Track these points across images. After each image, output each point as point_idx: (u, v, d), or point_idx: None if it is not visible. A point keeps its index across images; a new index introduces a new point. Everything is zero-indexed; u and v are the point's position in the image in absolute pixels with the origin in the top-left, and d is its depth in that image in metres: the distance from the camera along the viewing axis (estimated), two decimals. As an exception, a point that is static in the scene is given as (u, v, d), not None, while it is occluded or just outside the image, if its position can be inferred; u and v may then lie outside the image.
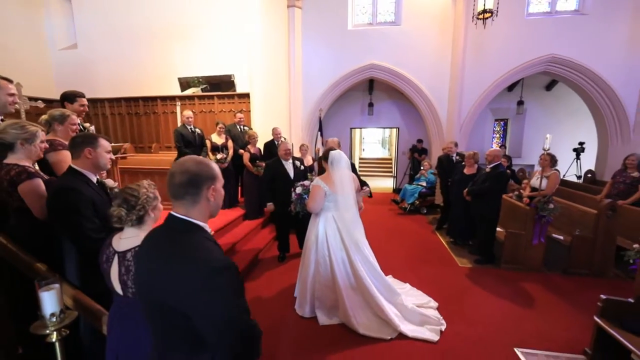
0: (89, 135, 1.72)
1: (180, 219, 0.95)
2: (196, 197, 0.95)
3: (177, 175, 0.93)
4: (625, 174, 4.38)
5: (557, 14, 6.44)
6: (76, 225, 1.57)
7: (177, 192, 0.94)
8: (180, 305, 0.82)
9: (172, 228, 0.94)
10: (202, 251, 0.87)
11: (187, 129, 4.70)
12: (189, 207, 0.96)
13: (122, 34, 7.98)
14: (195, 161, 0.97)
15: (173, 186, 0.94)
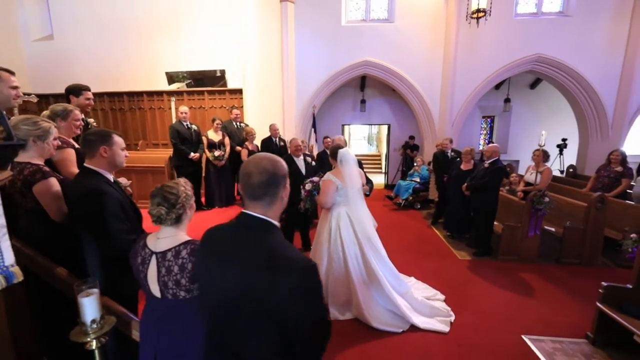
0: (103, 133, 1.63)
1: (261, 219, 0.91)
2: (274, 197, 0.93)
3: (256, 175, 0.90)
4: (609, 169, 4.65)
5: (543, 15, 6.71)
6: (109, 227, 1.49)
7: (256, 193, 0.91)
8: (271, 309, 0.79)
9: (251, 228, 0.91)
10: (291, 252, 0.85)
11: (183, 125, 4.55)
12: (267, 207, 0.94)
13: (104, 24, 7.58)
14: (270, 159, 0.94)
15: (251, 186, 0.91)
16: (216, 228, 1.02)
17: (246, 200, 0.94)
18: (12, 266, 0.81)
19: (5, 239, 0.78)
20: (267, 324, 0.79)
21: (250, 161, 0.94)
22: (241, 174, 0.93)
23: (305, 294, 0.80)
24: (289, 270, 0.80)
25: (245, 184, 0.92)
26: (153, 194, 1.36)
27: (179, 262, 1.30)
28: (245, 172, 0.92)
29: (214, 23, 7.18)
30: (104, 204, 1.47)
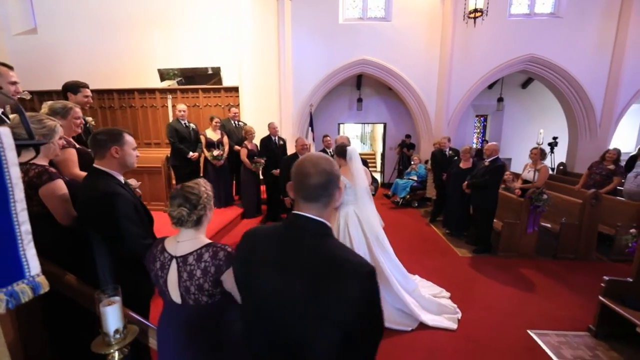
0: (113, 132, 1.55)
1: (318, 221, 0.87)
2: (330, 199, 0.89)
3: (315, 176, 0.86)
4: (602, 166, 4.80)
5: (535, 16, 6.85)
6: (124, 232, 1.42)
7: (314, 194, 0.87)
8: (335, 314, 0.75)
9: (307, 231, 0.86)
10: (352, 255, 0.82)
11: (181, 123, 4.44)
12: (322, 209, 0.89)
13: (92, 18, 7.31)
14: (327, 159, 0.90)
15: (309, 187, 0.86)
16: (259, 230, 0.98)
17: (300, 201, 0.89)
18: (38, 276, 0.75)
19: (30, 247, 0.72)
20: (330, 329, 0.76)
21: (307, 161, 0.89)
22: (296, 173, 0.88)
23: (370, 298, 0.79)
24: (354, 275, 0.77)
25: (302, 185, 0.87)
26: (173, 195, 1.31)
27: (201, 266, 1.25)
28: (302, 172, 0.87)
29: (209, 19, 7.03)
30: (118, 207, 1.41)
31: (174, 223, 1.30)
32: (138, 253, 1.41)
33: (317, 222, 0.87)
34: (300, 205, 0.89)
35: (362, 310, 0.77)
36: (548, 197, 3.99)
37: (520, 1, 6.89)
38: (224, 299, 1.32)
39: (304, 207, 0.88)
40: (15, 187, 0.73)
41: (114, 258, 1.46)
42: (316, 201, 0.87)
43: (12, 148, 0.72)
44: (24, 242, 0.75)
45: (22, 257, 0.75)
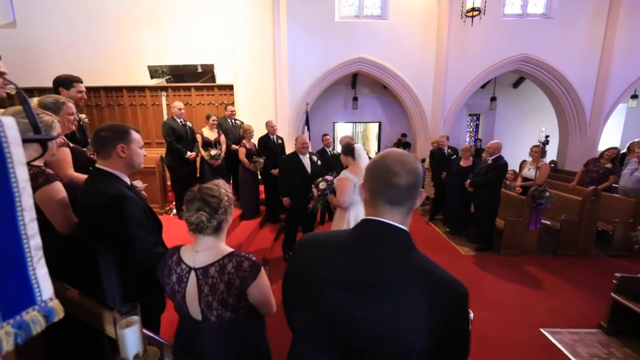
0: (119, 128, 1.39)
1: (402, 231, 0.75)
2: (414, 202, 0.78)
3: (404, 175, 0.74)
4: (598, 164, 4.88)
5: (528, 17, 6.95)
6: (136, 240, 1.27)
7: (402, 197, 0.75)
8: (423, 342, 0.65)
9: (390, 241, 0.74)
10: (445, 272, 0.71)
11: (177, 122, 4.23)
12: (406, 215, 0.78)
13: (78, 12, 6.95)
14: (411, 157, 0.79)
15: (397, 189, 0.74)
16: (321, 239, 0.84)
17: (381, 205, 0.76)
18: (50, 300, 0.61)
19: (41, 265, 0.59)
20: (414, 356, 0.66)
21: (392, 158, 0.77)
22: (379, 172, 0.76)
23: (465, 323, 0.69)
24: (453, 297, 0.68)
25: (388, 186, 0.75)
26: (190, 198, 1.18)
27: (224, 279, 1.12)
28: (389, 171, 0.75)
29: (202, 15, 6.80)
30: (129, 212, 1.26)
31: (191, 230, 1.17)
32: (151, 263, 1.27)
33: (401, 230, 0.75)
34: (380, 209, 0.77)
35: (455, 337, 0.68)
36: (550, 195, 4.01)
37: (513, 1, 6.97)
38: (248, 313, 1.20)
39: (385, 212, 0.76)
40: (23, 192, 0.59)
41: (122, 269, 1.31)
42: (402, 205, 0.76)
43: (18, 143, 0.58)
44: (34, 259, 0.61)
45: (31, 279, 0.61)
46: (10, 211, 0.57)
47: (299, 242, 0.88)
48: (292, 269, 0.88)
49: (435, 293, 0.67)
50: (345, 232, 0.82)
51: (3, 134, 0.56)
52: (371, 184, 0.78)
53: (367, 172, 0.81)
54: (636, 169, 4.37)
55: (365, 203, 0.81)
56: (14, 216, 0.58)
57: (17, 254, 0.58)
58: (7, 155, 0.57)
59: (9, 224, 0.57)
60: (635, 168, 4.39)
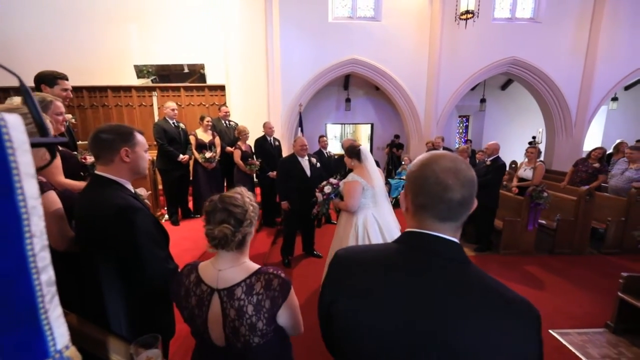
0: (122, 130, 1.24)
1: (455, 244, 0.67)
2: (467, 216, 0.68)
3: (459, 189, 0.64)
4: (587, 164, 5.01)
5: (517, 21, 7.11)
6: (146, 256, 1.13)
7: (454, 213, 0.66)
8: None
9: (442, 256, 0.66)
10: (509, 290, 0.63)
11: (170, 123, 4.02)
12: (459, 228, 0.69)
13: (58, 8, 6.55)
14: (466, 164, 0.68)
15: (449, 205, 0.65)
16: (359, 255, 0.75)
17: (429, 220, 0.68)
18: (66, 349, 0.48)
19: (55, 305, 0.46)
20: None
21: (443, 167, 0.66)
22: (428, 185, 0.66)
23: (539, 349, 0.60)
24: (527, 318, 0.59)
25: (439, 200, 0.65)
26: (211, 209, 1.05)
27: (253, 300, 1.00)
28: (440, 184, 0.65)
29: (192, 14, 6.57)
30: (141, 226, 1.11)
31: (214, 245, 1.04)
32: (162, 281, 1.13)
33: (456, 245, 0.67)
34: (427, 225, 0.68)
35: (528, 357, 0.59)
36: (548, 195, 4.06)
37: (502, 5, 7.12)
38: (277, 337, 1.08)
39: (435, 226, 0.67)
40: (32, 213, 0.46)
41: (129, 290, 1.15)
42: (454, 221, 0.67)
43: (26, 149, 0.45)
44: (46, 299, 0.47)
45: (43, 324, 0.47)
46: (17, 239, 0.43)
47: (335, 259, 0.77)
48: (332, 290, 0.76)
49: (509, 316, 0.59)
50: (388, 246, 0.74)
51: (7, 137, 0.42)
52: (417, 197, 0.68)
53: (410, 182, 0.71)
54: (626, 168, 4.50)
55: (406, 213, 0.72)
56: (22, 245, 0.44)
57: (26, 294, 0.45)
58: (12, 165, 0.43)
59: (15, 255, 0.44)
60: (625, 168, 4.52)
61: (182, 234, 3.90)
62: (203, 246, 3.80)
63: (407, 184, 0.72)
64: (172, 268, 1.26)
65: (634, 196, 4.26)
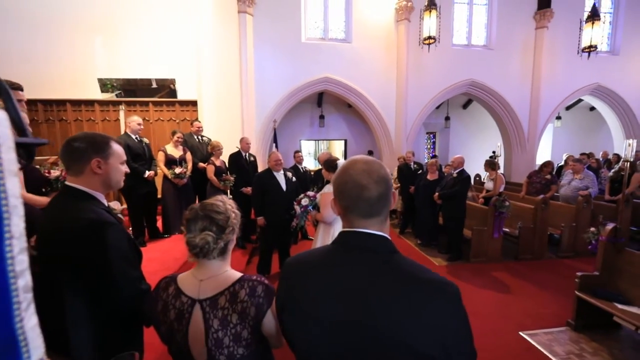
0: (95, 139, 1.16)
1: (383, 237, 0.75)
2: (389, 207, 0.77)
3: (374, 187, 0.73)
4: (540, 176, 5.50)
5: (472, 47, 7.87)
6: (121, 276, 1.05)
7: (375, 208, 0.74)
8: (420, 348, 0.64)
9: (374, 250, 0.73)
10: (432, 273, 0.70)
11: (133, 138, 3.85)
12: (383, 223, 0.77)
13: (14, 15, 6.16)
14: (378, 163, 0.77)
15: (368, 202, 0.73)
16: (305, 259, 0.83)
17: (355, 219, 0.75)
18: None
19: (30, 314, 0.44)
20: None
21: (357, 169, 0.74)
22: (347, 186, 0.74)
23: (462, 323, 0.68)
24: (442, 296, 0.66)
25: (359, 200, 0.73)
26: (192, 216, 1.02)
27: (237, 308, 0.97)
28: (357, 185, 0.73)
29: (163, 27, 6.49)
30: (114, 243, 1.04)
31: (195, 254, 1.00)
32: (135, 305, 1.06)
33: (381, 237, 0.75)
34: (355, 223, 0.75)
35: (453, 339, 0.66)
36: (509, 204, 4.38)
37: (460, 33, 7.86)
38: (260, 349, 1.04)
39: (361, 223, 0.75)
40: (13, 212, 0.43)
41: (97, 312, 1.06)
42: (377, 215, 0.75)
43: (10, 145, 0.43)
44: (22, 306, 0.44)
45: (18, 334, 0.43)
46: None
47: (284, 267, 0.86)
48: (282, 296, 0.84)
49: (428, 295, 0.66)
50: (327, 247, 0.81)
51: (-9, 132, 0.40)
52: (341, 200, 0.76)
53: (334, 188, 0.79)
54: (572, 179, 5.01)
55: (340, 217, 0.81)
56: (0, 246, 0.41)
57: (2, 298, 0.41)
58: (-6, 161, 0.41)
59: (-9, 257, 0.40)
60: (572, 178, 5.03)
61: (149, 255, 3.66)
62: (172, 268, 3.57)
63: (334, 191, 0.80)
64: (144, 289, 1.18)
65: (581, 203, 4.73)
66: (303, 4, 7.03)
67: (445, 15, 7.13)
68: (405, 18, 7.08)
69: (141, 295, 1.10)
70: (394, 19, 7.25)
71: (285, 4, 6.90)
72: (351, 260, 0.73)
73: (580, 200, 4.70)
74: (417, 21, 6.94)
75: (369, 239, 0.74)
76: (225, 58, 6.62)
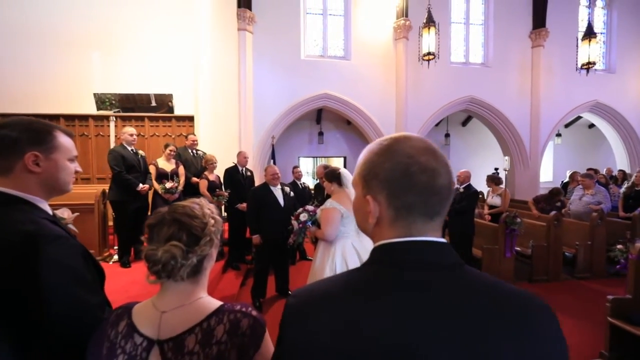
0: (32, 126, 0.88)
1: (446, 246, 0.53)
2: None
3: (444, 170, 0.52)
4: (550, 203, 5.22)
5: (470, 65, 7.93)
6: (71, 305, 0.78)
7: (445, 204, 0.54)
8: None
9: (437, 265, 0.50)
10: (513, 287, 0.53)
11: (128, 149, 3.64)
12: (440, 227, 0.55)
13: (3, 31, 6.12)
14: (428, 141, 0.57)
15: (440, 193, 0.51)
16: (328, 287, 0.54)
17: (419, 222, 0.52)
18: None
19: None
20: None
21: (418, 147, 0.52)
22: (414, 176, 0.50)
23: (563, 343, 0.50)
24: (541, 313, 0.51)
25: (430, 192, 0.51)
26: (156, 221, 0.77)
27: (212, 353, 0.70)
28: (425, 169, 0.50)
29: (161, 43, 6.49)
30: (58, 260, 0.76)
31: (155, 273, 0.74)
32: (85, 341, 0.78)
33: (445, 246, 0.53)
34: (416, 228, 0.52)
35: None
36: (521, 220, 4.13)
37: (457, 52, 7.94)
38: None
39: (423, 228, 0.52)
40: None
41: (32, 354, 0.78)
42: (443, 214, 0.54)
43: None
44: None
45: None
46: None
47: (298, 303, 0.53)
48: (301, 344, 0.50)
49: (525, 314, 0.49)
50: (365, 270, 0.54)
51: None
52: (401, 195, 0.51)
53: (381, 178, 0.53)
54: (583, 194, 4.79)
55: (381, 225, 0.54)
56: None
57: None
58: None
59: None
60: (582, 194, 4.80)
61: (132, 277, 3.33)
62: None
63: (374, 183, 0.54)
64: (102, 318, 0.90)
65: (595, 220, 4.47)
66: (302, 22, 7.13)
67: (442, 35, 7.22)
68: (403, 36, 7.15)
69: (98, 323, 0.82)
70: (392, 37, 7.34)
71: (285, 22, 6.99)
72: (415, 285, 0.48)
73: (595, 216, 4.45)
74: (415, 39, 7.01)
75: (436, 250, 0.51)
76: (223, 74, 6.58)
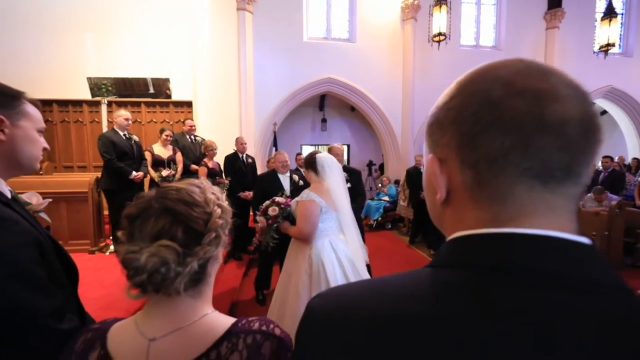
0: None
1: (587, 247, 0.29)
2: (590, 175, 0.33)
3: (569, 99, 0.31)
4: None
5: (481, 47, 7.55)
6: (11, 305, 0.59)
7: (576, 155, 0.30)
8: None
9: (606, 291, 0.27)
10: None
11: (120, 134, 3.41)
12: (576, 207, 0.32)
13: None
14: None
15: (563, 131, 0.29)
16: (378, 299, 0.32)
17: (523, 184, 0.30)
18: None
19: None
20: None
21: (514, 71, 0.32)
22: (493, 99, 0.31)
23: None
24: None
25: (533, 123, 0.28)
26: (138, 212, 0.56)
27: None
28: (522, 89, 0.30)
29: (157, 24, 6.15)
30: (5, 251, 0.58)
31: (138, 285, 0.53)
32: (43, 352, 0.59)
33: (586, 248, 0.29)
34: (507, 197, 0.30)
35: None
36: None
37: (468, 33, 7.56)
38: None
39: (528, 203, 0.30)
40: None
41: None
42: (572, 177, 0.30)
43: None
44: None
45: None
46: None
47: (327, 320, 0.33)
48: None
49: None
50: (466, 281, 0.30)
51: None
52: (482, 141, 0.31)
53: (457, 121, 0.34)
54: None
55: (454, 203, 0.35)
56: None
57: None
58: None
59: None
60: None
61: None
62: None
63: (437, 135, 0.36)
64: (65, 329, 0.69)
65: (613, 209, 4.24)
66: (305, 2, 6.74)
67: (453, 15, 6.83)
68: (411, 17, 6.77)
69: (55, 339, 0.62)
70: (399, 18, 6.95)
71: (287, 2, 6.61)
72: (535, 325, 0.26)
73: (614, 205, 4.23)
74: (424, 20, 6.62)
75: (570, 257, 0.28)
76: (222, 57, 6.27)
